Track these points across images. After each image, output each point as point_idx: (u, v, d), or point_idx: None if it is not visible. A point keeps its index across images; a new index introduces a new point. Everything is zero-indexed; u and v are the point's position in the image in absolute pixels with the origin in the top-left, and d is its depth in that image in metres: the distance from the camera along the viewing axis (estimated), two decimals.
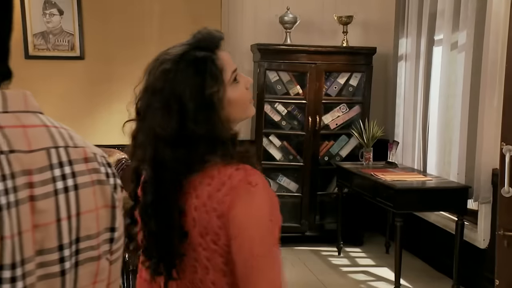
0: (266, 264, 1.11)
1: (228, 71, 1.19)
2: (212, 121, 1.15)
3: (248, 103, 1.25)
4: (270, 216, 1.12)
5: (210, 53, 1.18)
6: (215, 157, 1.15)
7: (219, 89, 1.16)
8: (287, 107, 4.60)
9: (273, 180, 4.67)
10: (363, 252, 4.60)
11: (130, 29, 4.21)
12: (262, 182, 1.13)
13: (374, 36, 4.88)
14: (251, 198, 1.11)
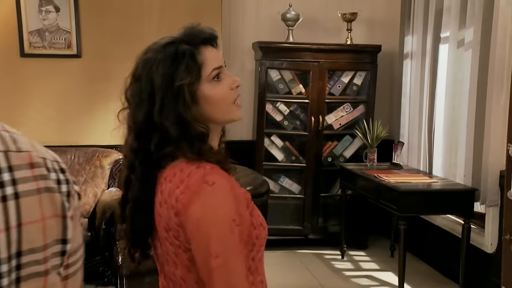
0: (225, 267, 1.09)
1: (209, 67, 1.18)
2: (179, 115, 1.14)
3: (231, 104, 1.22)
4: (232, 216, 1.10)
5: (193, 47, 1.18)
6: (182, 153, 1.15)
7: (192, 83, 1.15)
8: (289, 107, 4.53)
9: (275, 182, 4.61)
10: (367, 256, 4.52)
11: (128, 26, 4.15)
12: (221, 181, 1.12)
13: (379, 33, 4.81)
14: (207, 197, 1.10)
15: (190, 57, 1.16)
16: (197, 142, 1.15)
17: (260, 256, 1.21)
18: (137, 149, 1.19)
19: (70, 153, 4.00)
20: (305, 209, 4.58)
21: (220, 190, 1.11)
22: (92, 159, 4.01)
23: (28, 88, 4.08)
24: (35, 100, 4.08)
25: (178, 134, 1.14)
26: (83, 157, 4.01)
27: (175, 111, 1.14)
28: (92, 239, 3.59)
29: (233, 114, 1.24)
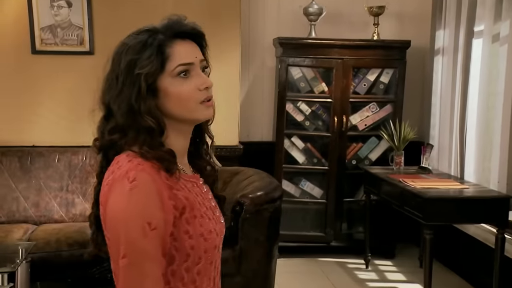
0: (132, 269, 1.07)
1: (174, 62, 1.16)
2: (130, 104, 1.14)
3: (196, 104, 1.18)
4: (147, 218, 1.07)
5: (165, 38, 1.17)
6: (127, 143, 1.15)
7: (151, 74, 1.13)
8: (311, 106, 4.40)
9: (295, 185, 4.48)
10: (394, 266, 4.35)
11: (143, 21, 4.01)
12: (143, 180, 1.09)
13: (409, 28, 4.62)
14: (122, 193, 1.09)
15: (157, 48, 1.15)
16: (143, 135, 1.14)
17: (200, 268, 1.17)
18: (101, 132, 1.21)
19: (82, 154, 3.96)
20: (328, 215, 4.44)
21: (138, 189, 1.08)
22: None
23: (39, 86, 4.06)
24: (46, 98, 4.06)
25: (125, 122, 1.15)
26: (95, 158, 3.95)
27: (128, 99, 1.14)
28: None
29: (198, 113, 1.20)
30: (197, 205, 1.18)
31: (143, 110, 1.14)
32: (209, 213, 1.21)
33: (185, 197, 1.15)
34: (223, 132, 4.20)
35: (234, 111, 4.27)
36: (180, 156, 1.22)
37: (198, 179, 1.27)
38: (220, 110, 4.55)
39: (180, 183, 1.17)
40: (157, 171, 1.12)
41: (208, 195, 1.27)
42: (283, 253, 4.35)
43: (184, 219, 1.14)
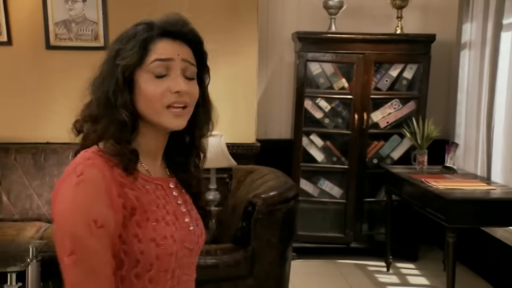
0: (81, 269, 1.04)
1: (152, 56, 1.12)
2: (106, 93, 1.12)
3: (162, 107, 1.12)
4: (93, 215, 1.04)
5: (154, 34, 1.14)
6: (97, 136, 1.12)
7: (129, 66, 1.11)
8: (330, 103, 4.31)
9: (314, 185, 4.40)
10: (416, 269, 4.24)
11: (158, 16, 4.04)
12: (91, 175, 1.05)
13: (434, 21, 4.50)
14: (70, 188, 1.05)
15: (142, 41, 1.12)
16: (113, 128, 1.11)
17: (152, 276, 1.11)
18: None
19: None
20: (347, 215, 4.34)
21: (85, 183, 1.05)
22: None
23: (53, 82, 4.05)
24: (60, 94, 4.04)
25: (99, 113, 1.12)
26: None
27: (107, 90, 1.12)
28: None
29: (163, 119, 1.13)
30: (153, 208, 1.13)
31: (119, 103, 1.11)
32: (170, 218, 1.16)
33: (136, 197, 1.10)
34: (239, 129, 4.16)
35: (251, 108, 4.21)
36: (149, 158, 1.19)
37: (167, 182, 1.23)
38: (237, 107, 4.55)
39: (138, 183, 1.13)
40: (111, 167, 1.09)
41: (176, 200, 1.22)
42: (301, 254, 4.29)
43: (134, 221, 1.09)
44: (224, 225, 3.29)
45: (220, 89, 4.13)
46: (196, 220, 1.25)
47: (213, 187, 3.80)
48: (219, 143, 3.70)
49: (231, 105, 4.14)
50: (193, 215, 1.24)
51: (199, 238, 1.24)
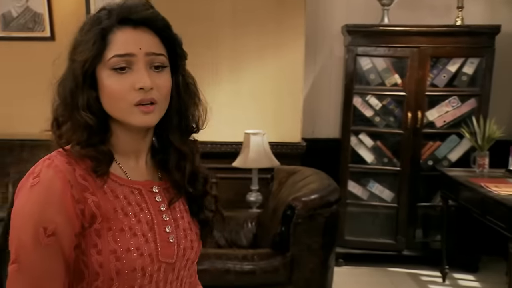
0: (20, 280, 0.96)
1: (111, 51, 1.01)
2: (65, 94, 1.03)
3: (129, 105, 1.01)
4: (43, 222, 0.95)
5: (112, 21, 1.02)
6: (64, 140, 1.03)
7: (86, 61, 1.00)
8: (381, 100, 4.09)
9: (363, 187, 4.20)
10: (476, 281, 3.97)
11: (198, 7, 3.97)
12: (47, 177, 0.97)
13: (498, 11, 4.20)
14: (25, 191, 0.98)
15: (99, 32, 1.01)
16: (78, 132, 1.02)
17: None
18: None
19: None
20: (399, 220, 4.12)
21: (39, 186, 0.96)
22: None
23: None
24: None
25: (59, 115, 1.04)
26: None
27: (68, 88, 1.03)
28: None
29: (131, 117, 1.02)
30: (119, 216, 1.02)
31: (80, 104, 1.01)
32: (140, 227, 1.04)
33: (96, 203, 1.00)
34: (284, 128, 4.03)
35: (297, 105, 4.06)
36: (129, 158, 1.09)
37: (150, 185, 1.10)
38: (282, 104, 4.38)
39: (106, 187, 1.02)
40: (72, 168, 0.99)
41: (157, 206, 1.09)
42: (349, 261, 4.12)
43: (93, 230, 0.99)
44: (264, 229, 3.17)
45: (264, 84, 4.02)
46: (185, 230, 1.12)
47: (255, 188, 3.69)
48: (261, 142, 3.58)
49: (275, 102, 4.01)
50: (181, 224, 1.12)
51: (186, 250, 1.11)
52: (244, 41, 3.97)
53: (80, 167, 1.00)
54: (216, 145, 4.02)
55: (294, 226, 2.71)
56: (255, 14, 3.96)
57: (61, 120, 1.04)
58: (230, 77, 4.01)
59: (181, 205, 1.15)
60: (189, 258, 1.12)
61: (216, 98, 4.01)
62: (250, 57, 3.99)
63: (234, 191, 4.01)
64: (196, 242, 1.15)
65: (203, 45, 3.97)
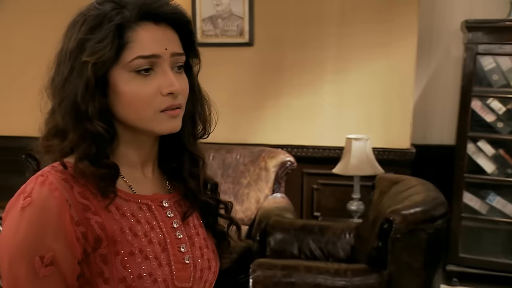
0: None
1: (133, 52, 0.90)
2: (77, 101, 0.89)
3: (155, 112, 0.92)
4: (40, 250, 0.83)
5: (129, 16, 0.91)
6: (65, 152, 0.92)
7: (101, 64, 0.88)
8: (506, 104, 3.70)
9: (481, 200, 3.82)
10: None
11: (306, 9, 3.85)
12: (40, 196, 0.85)
13: None
14: (15, 215, 0.86)
15: (115, 29, 0.88)
16: (87, 143, 0.89)
17: None
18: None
19: (236, 152, 3.88)
20: None
21: (32, 208, 0.84)
22: (257, 160, 3.82)
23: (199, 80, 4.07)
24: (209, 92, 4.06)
25: (66, 125, 0.90)
26: (249, 157, 3.85)
27: (73, 94, 0.89)
28: (246, 251, 3.39)
29: (157, 124, 0.93)
30: (127, 237, 0.90)
31: (91, 112, 0.89)
32: (152, 249, 0.92)
33: (101, 224, 0.87)
34: (391, 133, 3.78)
35: (406, 108, 3.79)
36: (134, 170, 0.97)
37: (159, 199, 0.99)
38: (389, 106, 4.11)
39: (113, 204, 0.90)
40: (70, 185, 0.87)
41: (169, 222, 0.98)
42: (464, 280, 3.79)
43: (99, 255, 0.87)
44: (362, 241, 2.98)
45: (371, 86, 3.81)
46: (202, 248, 1.00)
47: (356, 196, 3.50)
48: (364, 148, 3.39)
49: (382, 105, 3.78)
50: (196, 242, 1.00)
51: (203, 271, 0.99)
52: (351, 40, 3.79)
53: (78, 183, 0.89)
54: (318, 149, 3.88)
55: (392, 242, 2.49)
56: (363, 12, 3.77)
57: (62, 130, 0.92)
58: (334, 78, 3.84)
59: (195, 219, 1.04)
60: (207, 280, 1.01)
61: (319, 100, 3.87)
62: (357, 57, 3.79)
63: (335, 199, 3.85)
64: (213, 261, 1.03)
65: (306, 45, 3.85)
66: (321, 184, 3.91)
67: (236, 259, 3.36)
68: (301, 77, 3.88)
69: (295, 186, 3.94)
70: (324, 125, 3.86)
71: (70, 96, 0.90)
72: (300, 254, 3.10)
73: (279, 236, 3.13)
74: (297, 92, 3.89)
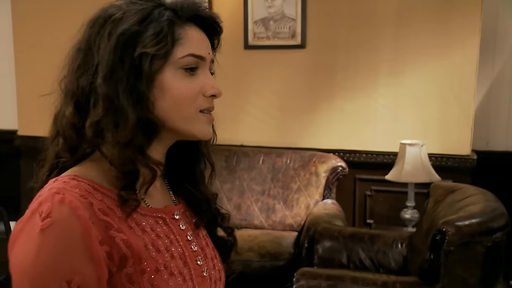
0: None
1: (185, 49, 0.88)
2: (138, 92, 0.85)
3: (196, 111, 0.90)
4: (66, 275, 0.77)
5: (175, 16, 0.89)
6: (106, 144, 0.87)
7: (160, 58, 0.85)
8: None
9: None
10: None
11: (361, 10, 3.71)
12: (61, 215, 0.78)
13: None
14: (32, 238, 0.78)
15: (168, 24, 0.87)
16: (138, 138, 0.85)
17: None
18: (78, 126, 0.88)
19: (287, 156, 3.80)
20: None
21: (53, 230, 0.77)
22: (308, 165, 3.72)
23: (248, 83, 4.02)
24: (255, 96, 4.00)
25: (136, 117, 0.84)
26: (299, 161, 3.76)
27: (130, 83, 0.85)
28: (294, 257, 3.30)
29: (195, 125, 0.91)
30: (151, 254, 0.85)
31: (145, 106, 0.86)
32: (175, 264, 0.88)
33: (126, 242, 0.82)
34: (450, 138, 3.59)
35: (466, 112, 3.58)
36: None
37: (171, 211, 0.95)
38: (447, 110, 3.89)
39: (130, 220, 0.85)
40: (89, 202, 0.81)
41: (184, 235, 0.94)
42: None
43: (124, 275, 0.81)
44: (414, 252, 2.82)
45: (427, 89, 3.63)
46: (213, 259, 0.98)
47: (411, 204, 3.33)
48: (419, 154, 3.22)
49: (440, 109, 3.59)
50: (208, 253, 0.97)
51: (216, 283, 0.97)
52: (407, 42, 3.62)
53: (96, 199, 0.83)
54: (372, 155, 3.73)
55: (445, 255, 2.33)
56: (421, 12, 3.59)
57: (109, 124, 0.85)
58: (389, 81, 3.69)
59: (202, 230, 1.01)
60: None
61: (373, 103, 3.72)
62: (413, 59, 3.62)
63: (389, 206, 3.69)
64: (223, 272, 1.01)
65: (360, 47, 3.72)
66: (375, 191, 3.76)
67: (282, 266, 3.28)
68: (354, 79, 3.75)
69: (347, 192, 3.81)
70: (377, 129, 3.71)
71: (127, 88, 0.85)
72: (349, 263, 2.97)
73: (327, 244, 3.02)
74: (350, 95, 3.76)
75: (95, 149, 0.89)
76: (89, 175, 0.86)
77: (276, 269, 3.31)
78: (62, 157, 0.90)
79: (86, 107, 0.86)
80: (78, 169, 0.87)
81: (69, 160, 0.89)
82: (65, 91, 0.89)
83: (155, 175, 0.88)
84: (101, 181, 0.86)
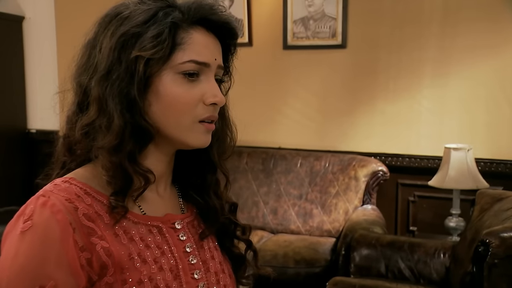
0: None
1: (186, 54, 0.85)
2: (125, 94, 0.82)
3: (194, 121, 0.86)
4: (40, 279, 0.74)
5: (182, 18, 0.86)
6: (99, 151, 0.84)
7: (156, 62, 0.82)
8: None
9: None
10: None
11: (404, 8, 3.56)
12: (41, 219, 0.76)
13: None
14: (14, 238, 0.77)
15: (170, 27, 0.83)
16: (130, 143, 0.82)
17: None
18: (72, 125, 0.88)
19: (325, 159, 3.68)
20: None
21: (32, 233, 0.76)
22: (347, 168, 3.59)
23: (286, 84, 3.92)
24: (292, 97, 3.90)
25: (106, 121, 0.82)
26: (338, 165, 3.63)
27: (125, 85, 0.82)
28: (330, 265, 3.18)
29: (191, 135, 0.86)
30: (135, 264, 0.81)
31: (138, 110, 0.83)
32: (163, 277, 0.83)
33: (106, 250, 0.79)
34: (500, 142, 3.39)
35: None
36: (153, 186, 0.90)
37: (171, 220, 0.90)
38: (496, 113, 3.68)
39: (118, 228, 0.82)
40: (74, 206, 0.79)
41: (182, 246, 0.89)
42: None
43: (104, 284, 0.78)
44: (457, 263, 2.65)
45: (475, 91, 3.44)
46: (217, 273, 0.92)
47: (456, 212, 3.15)
48: (465, 159, 3.04)
49: (488, 112, 3.40)
50: (212, 267, 0.91)
51: None
52: (453, 41, 3.44)
53: (85, 203, 0.81)
54: (415, 159, 3.56)
55: (489, 268, 2.17)
56: (469, 10, 3.41)
57: (101, 126, 0.84)
58: (434, 83, 3.51)
59: (210, 242, 0.95)
60: None
61: (416, 106, 3.56)
62: (460, 60, 3.43)
63: (433, 213, 3.51)
64: (230, 287, 0.95)
65: (403, 47, 3.56)
66: (418, 196, 3.59)
67: (318, 273, 3.17)
68: (397, 81, 3.59)
69: (389, 197, 3.65)
70: (421, 132, 3.54)
71: (121, 90, 0.82)
72: (387, 273, 2.83)
73: (364, 252, 2.88)
74: (392, 97, 3.61)
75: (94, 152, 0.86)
76: (85, 178, 0.84)
77: (312, 276, 3.20)
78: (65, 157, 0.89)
79: (86, 107, 0.85)
80: (79, 171, 0.86)
81: (72, 160, 0.88)
82: (72, 89, 0.89)
83: (147, 183, 0.85)
84: (96, 185, 0.84)
